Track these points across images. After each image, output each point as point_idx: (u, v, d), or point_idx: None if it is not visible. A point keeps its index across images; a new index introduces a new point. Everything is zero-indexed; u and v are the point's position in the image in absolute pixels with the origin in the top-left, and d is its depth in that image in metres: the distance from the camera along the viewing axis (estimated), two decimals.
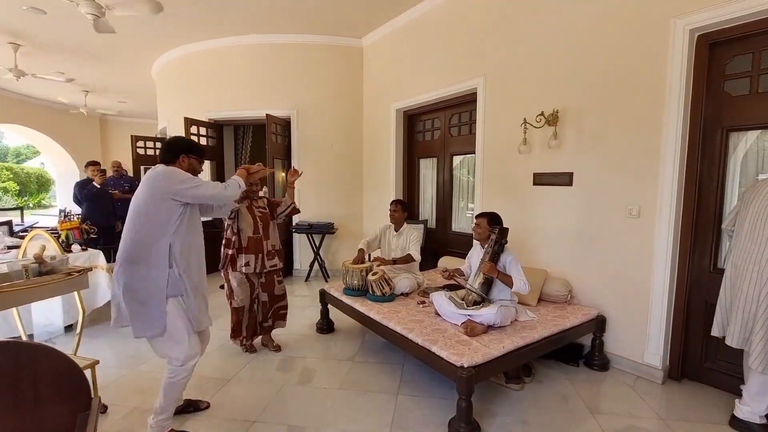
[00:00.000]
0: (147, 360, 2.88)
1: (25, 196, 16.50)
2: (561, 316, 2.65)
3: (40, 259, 2.11)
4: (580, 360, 2.83)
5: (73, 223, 3.60)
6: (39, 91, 8.02)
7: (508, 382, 2.49)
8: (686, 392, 2.46)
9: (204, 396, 2.39)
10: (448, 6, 3.94)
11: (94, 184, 4.89)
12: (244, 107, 5.29)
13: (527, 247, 3.26)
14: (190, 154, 2.04)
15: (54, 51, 5.64)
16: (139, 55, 5.85)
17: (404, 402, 2.35)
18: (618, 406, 2.31)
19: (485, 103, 3.61)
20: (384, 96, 4.94)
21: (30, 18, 4.45)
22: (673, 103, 2.41)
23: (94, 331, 3.41)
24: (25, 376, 0.92)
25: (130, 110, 9.87)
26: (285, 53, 5.13)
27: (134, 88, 7.64)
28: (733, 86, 2.33)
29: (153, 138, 7.03)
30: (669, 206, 2.47)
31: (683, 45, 2.35)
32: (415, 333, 2.33)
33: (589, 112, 2.84)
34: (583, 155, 2.88)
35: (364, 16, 4.54)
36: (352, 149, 5.39)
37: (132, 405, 2.31)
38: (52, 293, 2.10)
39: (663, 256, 2.51)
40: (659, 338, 2.56)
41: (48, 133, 9.18)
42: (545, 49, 3.09)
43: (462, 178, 4.35)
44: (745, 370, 2.07)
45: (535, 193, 3.23)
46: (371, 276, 2.95)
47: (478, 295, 2.50)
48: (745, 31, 2.20)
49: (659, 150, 2.49)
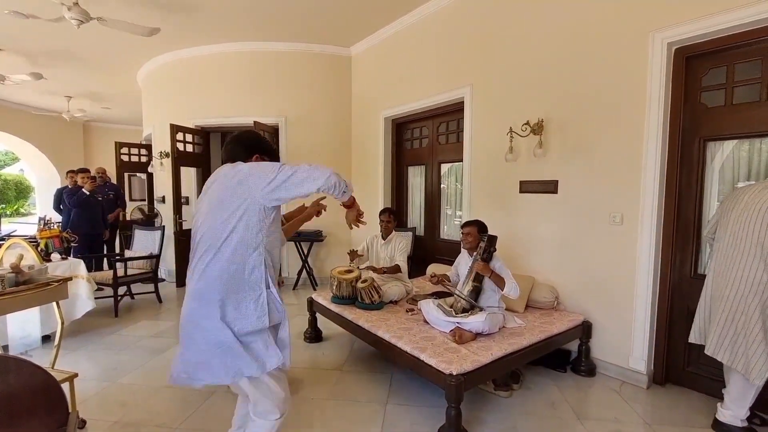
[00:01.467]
0: (128, 372, 2.80)
1: (2, 204, 16.00)
2: (548, 322, 2.68)
3: (18, 269, 2.05)
4: (567, 366, 2.85)
5: (53, 232, 3.50)
6: (19, 96, 7.82)
7: (497, 389, 2.49)
8: (670, 397, 2.50)
9: (187, 409, 2.33)
10: (435, 17, 4.00)
11: (84, 191, 4.78)
12: (232, 114, 5.25)
13: (514, 253, 3.29)
14: (264, 155, 1.64)
15: (37, 55, 5.52)
16: (125, 61, 5.77)
17: (393, 411, 2.33)
18: (605, 412, 2.34)
19: (472, 112, 3.66)
20: (372, 104, 4.97)
21: (12, 22, 4.36)
22: (653, 113, 2.48)
23: (72, 343, 3.31)
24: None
25: (115, 116, 9.70)
26: (273, 61, 5.13)
27: (119, 94, 7.52)
28: (709, 98, 2.41)
29: (138, 144, 6.91)
30: (650, 213, 2.53)
31: (661, 58, 2.43)
32: (404, 341, 2.32)
33: (572, 122, 2.90)
34: (568, 164, 2.94)
35: (352, 26, 4.58)
36: (340, 157, 5.39)
37: (113, 419, 2.23)
38: (29, 304, 2.03)
39: (645, 262, 2.56)
40: (643, 343, 2.60)
41: (28, 139, 8.93)
42: (530, 60, 3.16)
43: (450, 186, 4.39)
44: (725, 374, 2.11)
45: (521, 201, 3.28)
46: (360, 284, 2.94)
47: (466, 302, 2.51)
48: (719, 45, 2.29)
49: (640, 159, 2.55)
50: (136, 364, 2.94)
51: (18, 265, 2.07)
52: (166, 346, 3.29)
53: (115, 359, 3.02)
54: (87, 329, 3.66)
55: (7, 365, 0.89)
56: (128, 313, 4.18)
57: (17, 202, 17.06)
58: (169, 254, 5.27)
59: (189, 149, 5.31)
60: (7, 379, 0.88)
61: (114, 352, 3.17)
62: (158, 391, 2.55)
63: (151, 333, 3.62)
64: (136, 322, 3.90)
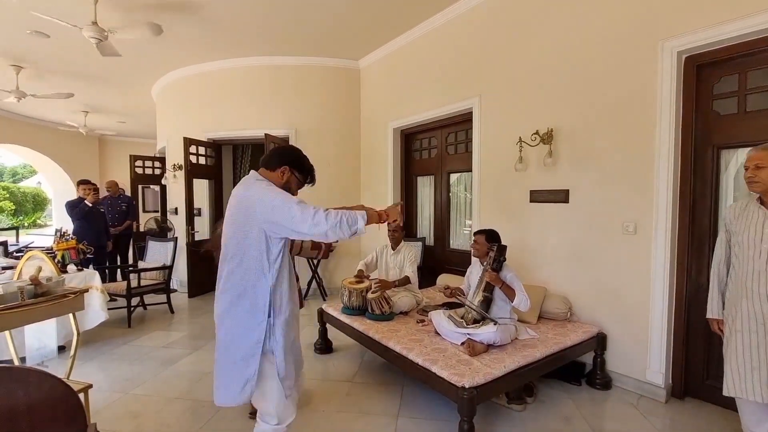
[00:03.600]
0: (141, 383, 2.82)
1: (20, 216, 16.41)
2: (561, 333, 2.64)
3: (36, 281, 2.09)
4: (582, 379, 2.79)
5: (70, 243, 3.57)
6: (38, 111, 8.08)
7: (510, 403, 2.45)
8: (690, 411, 2.42)
9: (198, 421, 2.33)
10: (443, 29, 4.05)
11: (86, 203, 4.85)
12: (243, 127, 5.35)
13: (525, 264, 3.26)
14: (294, 169, 1.66)
15: (56, 73, 5.72)
16: (140, 77, 5.94)
17: (405, 424, 2.30)
18: (621, 426, 2.28)
19: (481, 122, 3.67)
20: (381, 115, 5.02)
21: (33, 41, 4.53)
22: (665, 122, 2.47)
23: (86, 353, 3.35)
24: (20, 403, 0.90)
25: (129, 130, 9.95)
26: (283, 74, 5.23)
27: (134, 108, 7.73)
28: (721, 106, 2.39)
29: (152, 158, 7.06)
30: (664, 223, 2.49)
31: (672, 67, 2.42)
32: (415, 353, 2.31)
33: (583, 131, 2.89)
34: (579, 173, 2.93)
35: (361, 39, 4.66)
36: (349, 168, 5.43)
37: (126, 430, 2.24)
38: (47, 315, 2.07)
39: (660, 273, 2.52)
40: (660, 356, 2.54)
41: (46, 152, 9.20)
42: (538, 69, 3.18)
43: (459, 196, 4.38)
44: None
45: (532, 211, 3.26)
46: (371, 294, 2.93)
47: (477, 313, 2.49)
48: (731, 53, 2.28)
49: (653, 167, 2.53)
50: (149, 375, 2.96)
51: (37, 277, 2.12)
52: (178, 357, 3.31)
53: (128, 370, 3.04)
54: (100, 339, 3.70)
55: (29, 377, 0.91)
56: (141, 324, 4.23)
57: (34, 213, 17.48)
58: (181, 265, 5.34)
59: (201, 162, 5.41)
60: (29, 392, 0.90)
61: (127, 363, 3.20)
62: (170, 402, 2.56)
63: (163, 343, 3.65)
64: (149, 333, 3.94)
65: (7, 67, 5.33)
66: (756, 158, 1.69)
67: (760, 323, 1.67)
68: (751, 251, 1.70)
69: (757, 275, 1.67)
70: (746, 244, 1.72)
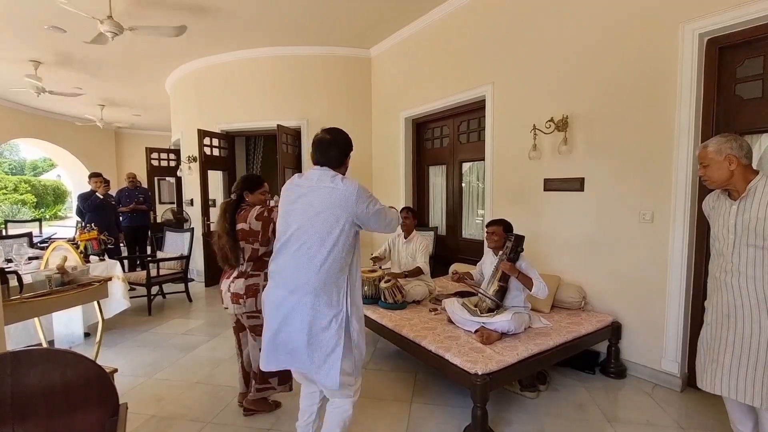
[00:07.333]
0: (163, 368, 2.93)
1: (41, 208, 16.91)
2: (575, 322, 2.63)
3: (63, 270, 2.18)
4: (596, 368, 2.79)
5: (92, 234, 3.69)
6: (56, 106, 8.26)
7: (523, 390, 2.47)
8: (705, 400, 2.40)
9: (218, 405, 2.41)
10: (455, 16, 3.99)
11: (97, 195, 4.96)
12: (256, 118, 5.39)
13: (539, 253, 3.24)
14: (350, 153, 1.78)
15: (72, 68, 5.83)
16: (154, 70, 6.01)
17: (418, 410, 2.35)
18: (636, 415, 2.28)
19: (494, 110, 3.63)
20: (392, 105, 4.99)
21: (50, 37, 4.62)
22: (685, 107, 2.40)
23: (109, 340, 3.48)
24: (56, 383, 0.96)
25: (144, 123, 10.10)
26: (295, 65, 5.23)
27: (149, 101, 7.84)
28: (745, 89, 2.31)
29: (167, 150, 7.18)
30: (683, 211, 2.44)
31: (693, 49, 2.35)
32: (428, 340, 2.33)
33: (599, 118, 2.84)
34: (594, 160, 2.88)
35: (372, 27, 4.62)
36: (361, 157, 5.43)
37: (150, 413, 2.34)
38: (73, 303, 2.16)
39: (678, 262, 2.48)
40: (676, 345, 2.52)
41: (65, 146, 9.43)
42: (553, 54, 3.11)
43: (471, 185, 4.36)
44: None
45: (546, 199, 3.23)
46: (384, 283, 2.96)
47: (492, 302, 2.50)
48: (755, 35, 2.19)
49: (671, 154, 2.47)
50: (170, 361, 3.06)
51: (63, 267, 2.20)
52: (196, 344, 3.41)
53: (150, 356, 3.15)
54: (122, 327, 3.83)
55: (66, 359, 0.97)
56: (160, 312, 4.36)
57: (55, 206, 17.99)
58: (197, 255, 5.45)
59: (216, 153, 5.48)
60: (65, 372, 0.96)
61: (148, 349, 3.31)
62: (191, 387, 2.65)
63: (183, 331, 3.77)
64: (168, 320, 4.06)
65: (26, 62, 5.45)
66: (699, 158, 1.69)
67: (724, 315, 1.64)
68: (721, 243, 1.67)
69: (728, 266, 1.64)
70: (717, 236, 1.70)
